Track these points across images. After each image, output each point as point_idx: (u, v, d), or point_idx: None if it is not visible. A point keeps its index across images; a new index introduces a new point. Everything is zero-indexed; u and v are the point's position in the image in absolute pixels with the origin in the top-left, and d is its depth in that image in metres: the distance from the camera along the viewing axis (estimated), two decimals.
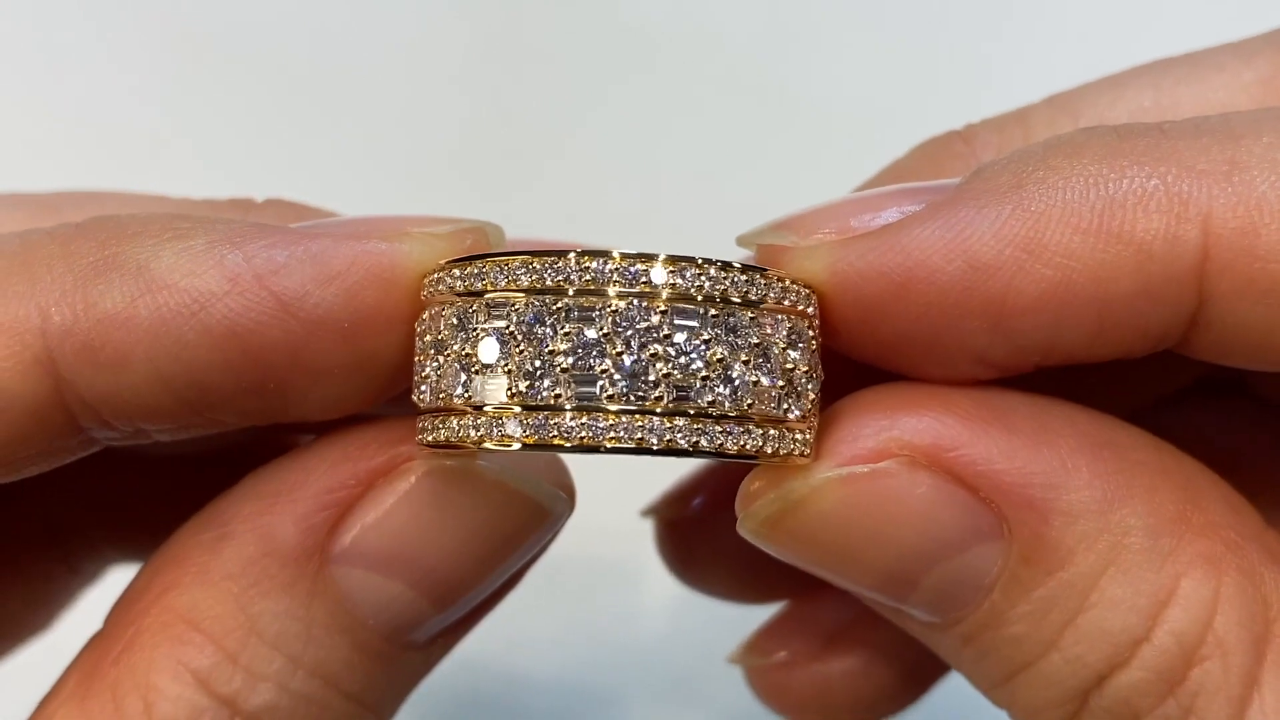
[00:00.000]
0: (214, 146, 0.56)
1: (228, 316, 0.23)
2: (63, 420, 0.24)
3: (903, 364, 0.23)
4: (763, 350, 0.21)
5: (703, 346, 0.21)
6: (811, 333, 0.22)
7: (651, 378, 0.21)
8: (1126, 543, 0.21)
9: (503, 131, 0.56)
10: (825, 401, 0.23)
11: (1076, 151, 0.21)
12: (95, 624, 0.26)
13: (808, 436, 0.22)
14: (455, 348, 0.22)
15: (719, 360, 0.21)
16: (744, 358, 0.21)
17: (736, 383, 0.21)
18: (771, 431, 0.21)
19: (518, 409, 0.21)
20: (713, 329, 0.21)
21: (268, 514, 0.25)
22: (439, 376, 0.22)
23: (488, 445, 0.21)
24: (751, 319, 0.21)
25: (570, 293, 0.21)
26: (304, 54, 0.56)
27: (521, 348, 0.21)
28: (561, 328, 0.21)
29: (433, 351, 0.22)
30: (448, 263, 0.22)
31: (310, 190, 0.53)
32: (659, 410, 0.21)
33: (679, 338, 0.21)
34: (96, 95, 0.56)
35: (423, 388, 0.23)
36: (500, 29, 0.57)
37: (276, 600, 0.24)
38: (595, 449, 0.21)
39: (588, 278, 0.21)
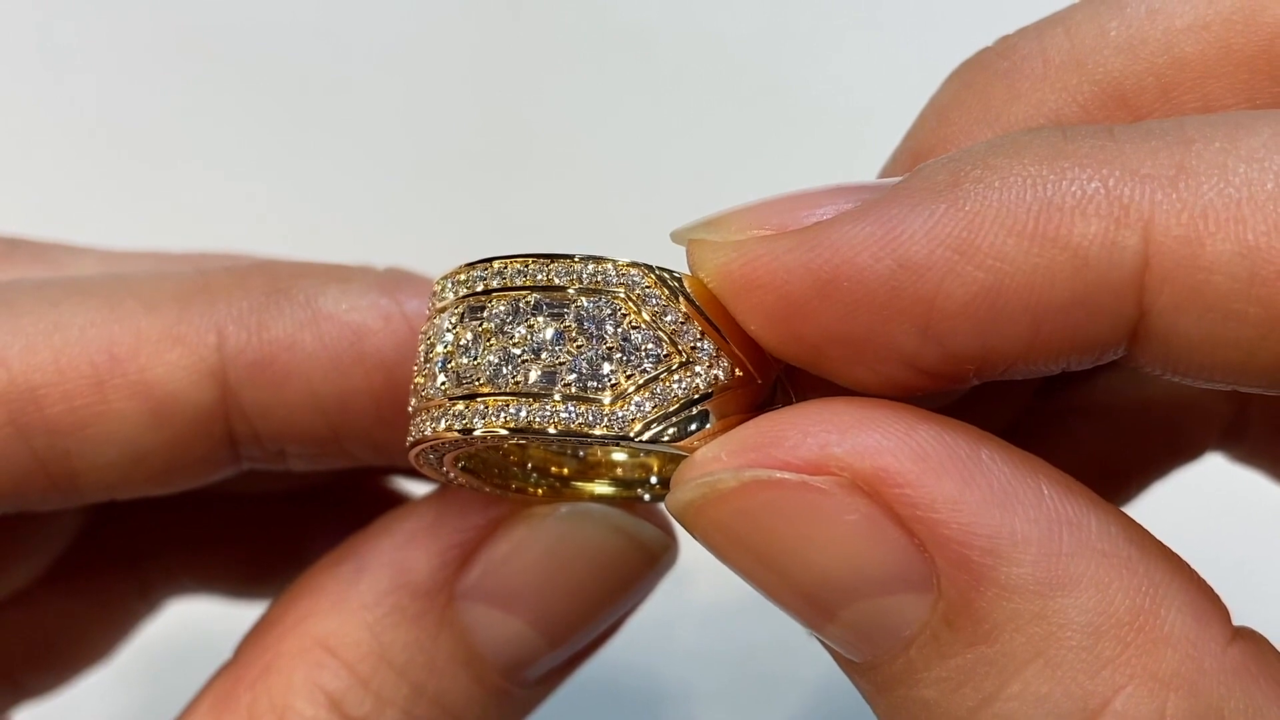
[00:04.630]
0: (216, 151, 0.57)
1: (380, 350, 0.27)
2: (222, 433, 0.27)
3: (830, 367, 0.22)
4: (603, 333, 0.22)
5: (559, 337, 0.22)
6: (623, 311, 0.22)
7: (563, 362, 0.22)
8: (1062, 636, 0.19)
9: (503, 134, 0.57)
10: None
11: (1019, 152, 0.20)
12: None
13: (624, 413, 0.22)
14: (439, 349, 0.23)
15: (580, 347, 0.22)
16: (607, 344, 0.22)
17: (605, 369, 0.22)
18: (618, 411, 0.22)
19: (503, 399, 0.22)
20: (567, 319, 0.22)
21: (403, 550, 0.27)
22: (426, 378, 0.24)
23: (477, 433, 0.22)
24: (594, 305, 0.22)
25: (564, 289, 0.22)
26: (304, 58, 0.58)
27: (494, 342, 0.23)
28: (528, 321, 0.22)
29: (423, 360, 0.24)
30: (448, 272, 0.24)
31: (310, 191, 0.55)
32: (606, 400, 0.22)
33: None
34: (99, 98, 0.57)
35: (415, 395, 0.24)
36: (501, 32, 0.58)
37: (407, 631, 0.26)
38: (583, 437, 0.22)
39: (575, 276, 0.22)
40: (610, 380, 0.22)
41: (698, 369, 0.22)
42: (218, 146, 0.56)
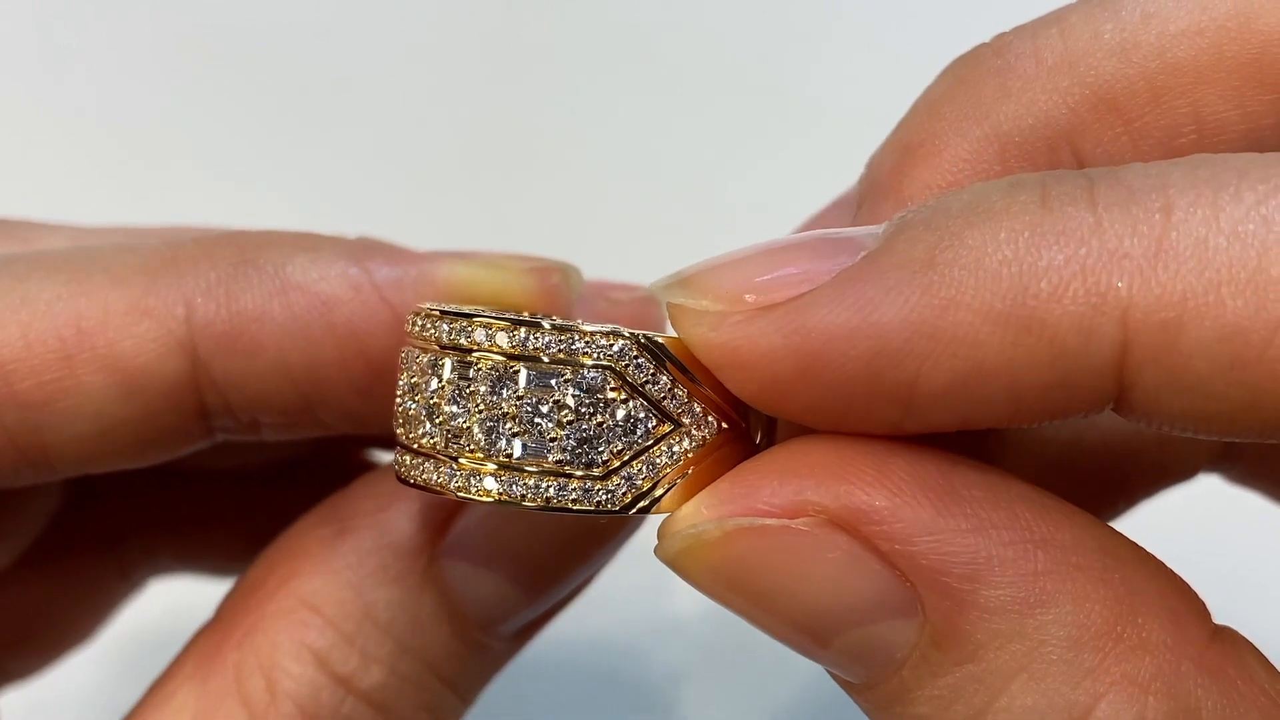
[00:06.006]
0: (216, 151, 0.57)
1: (350, 320, 0.27)
2: (193, 405, 0.27)
3: (814, 425, 0.22)
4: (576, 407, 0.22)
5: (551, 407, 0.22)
6: (614, 386, 0.22)
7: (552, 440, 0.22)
8: (1043, 651, 0.20)
9: (503, 136, 0.57)
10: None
11: (995, 225, 0.20)
12: None
13: (615, 488, 0.23)
14: (428, 395, 0.23)
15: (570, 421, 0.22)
16: (598, 418, 0.22)
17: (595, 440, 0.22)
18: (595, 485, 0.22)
19: (491, 466, 0.23)
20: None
21: (385, 510, 0.27)
22: (413, 421, 0.24)
23: (464, 496, 0.23)
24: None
25: (543, 360, 0.22)
26: (304, 59, 0.58)
27: (481, 406, 0.23)
28: (515, 391, 0.22)
29: (409, 391, 0.24)
30: (432, 309, 0.24)
31: (309, 191, 0.55)
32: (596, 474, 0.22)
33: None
34: (98, 99, 0.57)
35: (399, 424, 0.24)
36: (501, 33, 0.58)
37: (390, 590, 0.27)
38: (567, 511, 0.22)
39: (559, 348, 0.22)
40: (601, 456, 0.22)
41: (687, 432, 0.23)
42: (218, 147, 0.56)
